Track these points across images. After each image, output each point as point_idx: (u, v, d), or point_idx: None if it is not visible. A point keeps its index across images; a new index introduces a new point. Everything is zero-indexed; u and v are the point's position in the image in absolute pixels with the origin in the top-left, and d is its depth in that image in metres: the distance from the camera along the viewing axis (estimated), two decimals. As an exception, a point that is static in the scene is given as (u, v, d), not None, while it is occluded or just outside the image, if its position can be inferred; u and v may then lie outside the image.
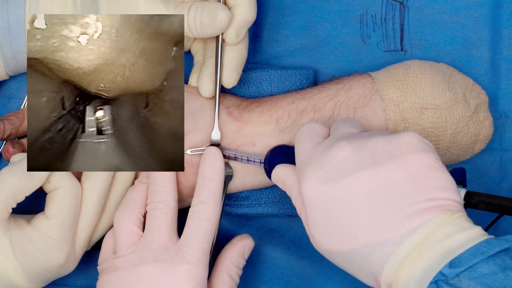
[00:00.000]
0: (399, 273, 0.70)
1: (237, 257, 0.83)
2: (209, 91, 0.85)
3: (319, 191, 0.73)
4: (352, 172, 0.72)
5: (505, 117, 0.92)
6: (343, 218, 0.72)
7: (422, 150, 0.73)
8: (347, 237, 0.72)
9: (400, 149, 0.73)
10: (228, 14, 0.81)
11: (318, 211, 0.73)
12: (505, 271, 0.67)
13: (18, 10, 0.83)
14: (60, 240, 0.80)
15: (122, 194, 0.84)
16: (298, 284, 0.90)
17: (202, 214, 0.80)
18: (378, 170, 0.72)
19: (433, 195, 0.71)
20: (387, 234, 0.70)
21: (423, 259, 0.69)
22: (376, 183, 0.71)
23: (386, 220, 0.70)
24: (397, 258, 0.70)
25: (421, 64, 0.87)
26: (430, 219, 0.70)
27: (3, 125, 0.83)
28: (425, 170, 0.72)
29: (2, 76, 0.86)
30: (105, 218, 0.84)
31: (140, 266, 0.78)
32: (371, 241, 0.71)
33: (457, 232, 0.69)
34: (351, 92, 0.86)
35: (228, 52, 0.85)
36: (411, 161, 0.72)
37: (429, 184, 0.71)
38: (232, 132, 0.85)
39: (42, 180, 0.79)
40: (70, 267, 0.82)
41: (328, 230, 0.73)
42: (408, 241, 0.70)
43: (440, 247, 0.69)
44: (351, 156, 0.73)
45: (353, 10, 0.93)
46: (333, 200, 0.72)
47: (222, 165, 0.83)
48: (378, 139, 0.74)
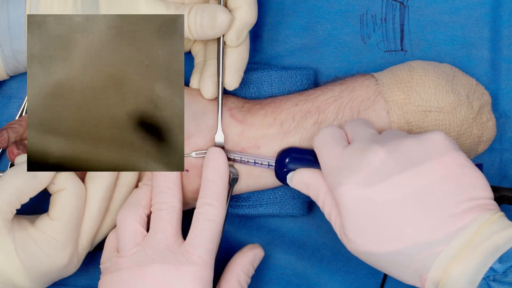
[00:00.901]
0: (449, 271, 0.72)
1: (247, 265, 0.84)
2: (212, 93, 0.85)
3: (359, 194, 0.74)
4: (391, 175, 0.74)
5: (505, 117, 0.92)
6: (386, 220, 0.74)
7: (453, 149, 0.76)
8: (391, 238, 0.73)
9: (434, 150, 0.75)
10: (229, 16, 0.81)
11: (359, 214, 0.75)
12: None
13: (18, 10, 0.83)
14: (64, 241, 0.80)
15: (126, 196, 0.84)
16: (298, 284, 0.90)
17: (207, 216, 0.80)
18: (417, 171, 0.74)
19: (473, 194, 0.74)
20: (433, 234, 0.73)
21: (472, 257, 0.71)
22: (417, 185, 0.74)
23: (431, 220, 0.73)
24: (446, 256, 0.72)
25: (424, 65, 0.87)
26: (474, 218, 0.73)
27: (7, 134, 0.83)
28: (461, 168, 0.75)
29: (2, 76, 0.86)
30: (108, 219, 0.84)
31: (145, 266, 0.78)
32: (417, 241, 0.73)
33: (501, 229, 0.72)
34: (355, 94, 0.86)
35: (229, 54, 0.85)
36: (448, 161, 0.75)
37: (468, 183, 0.74)
38: (236, 135, 0.85)
39: (47, 182, 0.79)
40: (73, 268, 0.82)
41: (369, 232, 0.74)
42: (456, 240, 0.72)
43: (488, 244, 0.72)
44: (387, 159, 0.75)
45: (353, 10, 0.93)
46: (374, 202, 0.74)
47: (226, 165, 0.83)
48: (409, 141, 0.76)
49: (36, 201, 0.83)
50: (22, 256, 0.78)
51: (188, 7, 0.81)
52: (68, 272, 0.82)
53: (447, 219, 0.73)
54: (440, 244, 0.72)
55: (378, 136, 0.79)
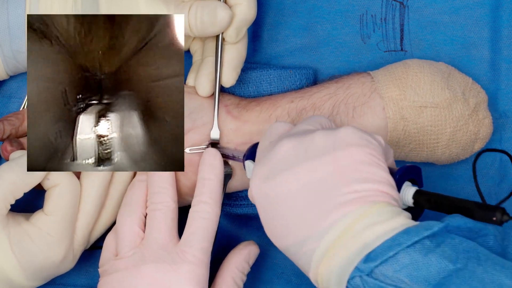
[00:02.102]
0: (321, 270, 0.68)
1: (242, 263, 0.83)
2: (207, 91, 0.86)
3: (260, 189, 0.72)
4: (285, 169, 0.71)
5: (505, 117, 0.92)
6: (278, 215, 0.71)
7: (356, 145, 0.70)
8: (282, 234, 0.71)
9: (333, 144, 0.71)
10: (229, 13, 0.81)
11: (261, 208, 0.73)
12: (427, 256, 0.65)
13: (18, 10, 0.83)
14: (59, 237, 0.80)
15: (121, 192, 0.84)
16: (298, 283, 0.90)
17: (202, 214, 0.80)
18: (307, 165, 0.70)
19: (357, 187, 0.68)
20: (311, 230, 0.68)
21: (339, 254, 0.67)
22: (304, 179, 0.70)
23: (311, 216, 0.69)
24: (318, 253, 0.68)
25: (420, 63, 0.87)
26: (348, 211, 0.67)
27: (3, 126, 0.83)
28: (355, 164, 0.69)
29: (2, 76, 0.86)
30: (104, 216, 0.84)
31: (141, 266, 0.78)
32: (298, 238, 0.69)
33: (375, 223, 0.67)
34: (350, 90, 0.86)
35: (227, 51, 0.85)
36: (342, 156, 0.70)
37: (357, 177, 0.69)
38: (231, 130, 0.85)
39: (41, 177, 0.79)
40: (69, 264, 0.82)
41: (270, 227, 0.72)
42: (328, 235, 0.67)
43: (356, 240, 0.66)
44: (289, 152, 0.72)
45: (353, 10, 0.93)
46: (268, 197, 0.72)
47: (221, 165, 0.83)
48: (318, 134, 0.72)
49: (30, 199, 0.83)
50: (17, 251, 0.78)
51: (188, 5, 0.81)
52: (64, 269, 0.82)
53: (323, 214, 0.68)
54: (314, 241, 0.68)
55: (305, 131, 0.74)
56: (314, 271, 0.69)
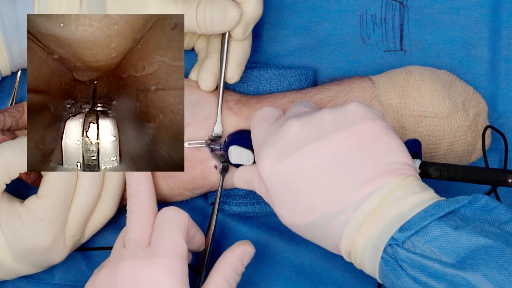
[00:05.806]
0: (356, 240, 0.71)
1: (235, 262, 0.83)
2: (209, 85, 0.86)
3: (275, 168, 0.74)
4: (302, 146, 0.74)
5: (504, 117, 0.92)
6: (300, 191, 0.73)
7: (370, 118, 0.74)
8: (307, 209, 0.73)
9: (347, 119, 0.74)
10: (239, 11, 0.81)
11: (278, 187, 0.75)
12: (457, 230, 0.68)
13: (26, 9, 0.82)
14: (48, 221, 0.79)
15: (117, 184, 0.84)
16: (298, 280, 0.90)
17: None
18: (327, 141, 0.73)
19: (384, 159, 0.72)
20: (342, 202, 0.71)
21: (376, 224, 0.70)
22: (327, 154, 0.73)
23: (340, 189, 0.71)
24: (353, 225, 0.71)
25: (422, 70, 0.87)
26: (383, 184, 0.71)
27: (3, 117, 0.84)
28: (374, 137, 0.73)
29: (6, 73, 0.86)
30: (99, 209, 0.84)
31: (118, 263, 0.78)
32: (328, 210, 0.72)
33: (408, 195, 0.70)
34: (351, 95, 0.86)
35: (233, 48, 0.85)
36: (359, 130, 0.73)
37: (380, 150, 0.72)
38: (230, 126, 0.86)
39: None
40: (59, 252, 0.82)
41: (289, 204, 0.74)
42: (363, 207, 0.71)
43: (392, 211, 0.70)
44: (300, 131, 0.74)
45: (353, 10, 0.94)
46: (288, 174, 0.74)
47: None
48: (325, 112, 0.75)
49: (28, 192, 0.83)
50: (5, 230, 0.78)
51: (196, 2, 0.81)
52: (54, 257, 0.82)
53: (356, 186, 0.71)
54: (347, 213, 0.71)
55: (306, 112, 0.78)
56: (347, 241, 0.71)
